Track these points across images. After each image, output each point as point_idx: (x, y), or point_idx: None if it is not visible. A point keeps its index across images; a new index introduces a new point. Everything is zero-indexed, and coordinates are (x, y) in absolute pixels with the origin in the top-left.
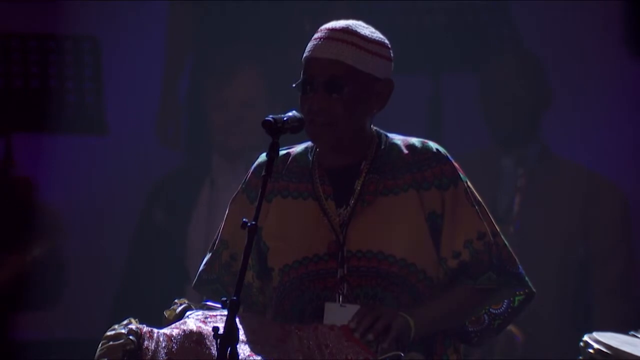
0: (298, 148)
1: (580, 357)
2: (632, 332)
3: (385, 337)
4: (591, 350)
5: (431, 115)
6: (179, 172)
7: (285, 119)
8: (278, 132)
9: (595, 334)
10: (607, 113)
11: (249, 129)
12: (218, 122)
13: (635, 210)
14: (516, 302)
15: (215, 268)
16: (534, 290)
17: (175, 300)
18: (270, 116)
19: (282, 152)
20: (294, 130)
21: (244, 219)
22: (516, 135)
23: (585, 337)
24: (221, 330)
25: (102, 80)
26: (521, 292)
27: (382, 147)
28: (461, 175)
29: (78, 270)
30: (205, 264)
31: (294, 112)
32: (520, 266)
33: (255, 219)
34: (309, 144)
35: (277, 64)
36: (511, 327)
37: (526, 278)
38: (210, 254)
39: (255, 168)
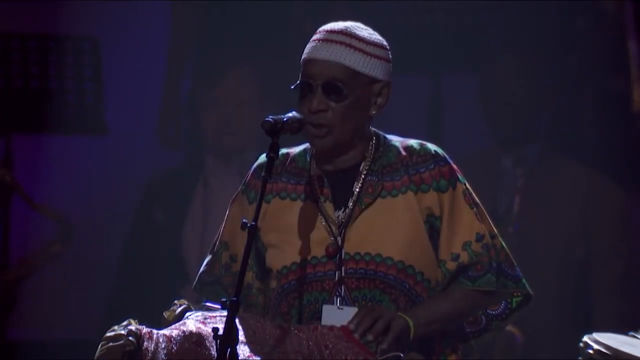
0: (297, 149)
1: (580, 358)
2: (631, 333)
3: (385, 337)
4: (591, 351)
5: (431, 115)
6: (173, 172)
7: (285, 119)
8: (277, 133)
9: (595, 335)
10: (607, 113)
11: (242, 129)
12: (211, 121)
13: (635, 210)
14: (514, 304)
15: (215, 269)
16: (531, 292)
17: (175, 301)
18: (270, 117)
19: (281, 152)
20: (294, 132)
21: (243, 220)
22: (516, 135)
23: (585, 338)
24: (221, 331)
25: (102, 80)
26: (519, 294)
27: (381, 148)
28: (460, 177)
29: (77, 270)
30: (205, 266)
31: (293, 112)
32: (517, 268)
33: (255, 219)
34: (307, 145)
35: (272, 64)
36: (511, 328)
37: (523, 280)
38: (211, 255)
39: (255, 169)
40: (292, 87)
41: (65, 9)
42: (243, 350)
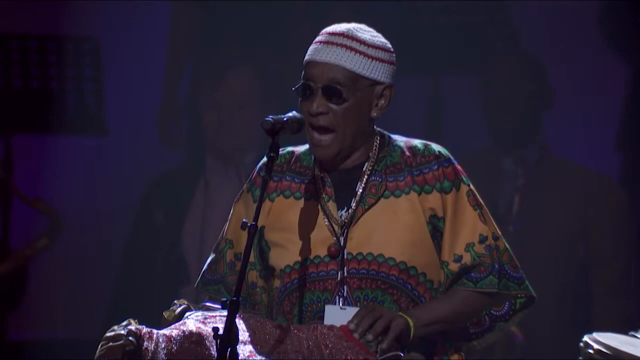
0: (302, 148)
1: (580, 358)
2: (632, 332)
3: (385, 337)
4: (591, 351)
5: (431, 115)
6: (173, 173)
7: (285, 119)
8: (277, 133)
9: (595, 334)
10: (607, 113)
11: (242, 129)
12: (211, 122)
13: (636, 210)
14: (517, 305)
15: (219, 267)
16: (534, 294)
17: (175, 301)
18: (270, 117)
19: (287, 151)
20: (294, 131)
21: (243, 220)
22: (516, 135)
23: (585, 338)
24: (221, 331)
25: (102, 81)
26: (522, 295)
27: (385, 148)
28: (464, 178)
29: (78, 270)
30: (209, 264)
31: (293, 112)
32: (521, 270)
33: (255, 219)
34: None
35: (272, 64)
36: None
37: (526, 282)
38: (214, 254)
39: (260, 167)
40: (294, 88)
41: (66, 10)
42: (243, 350)
